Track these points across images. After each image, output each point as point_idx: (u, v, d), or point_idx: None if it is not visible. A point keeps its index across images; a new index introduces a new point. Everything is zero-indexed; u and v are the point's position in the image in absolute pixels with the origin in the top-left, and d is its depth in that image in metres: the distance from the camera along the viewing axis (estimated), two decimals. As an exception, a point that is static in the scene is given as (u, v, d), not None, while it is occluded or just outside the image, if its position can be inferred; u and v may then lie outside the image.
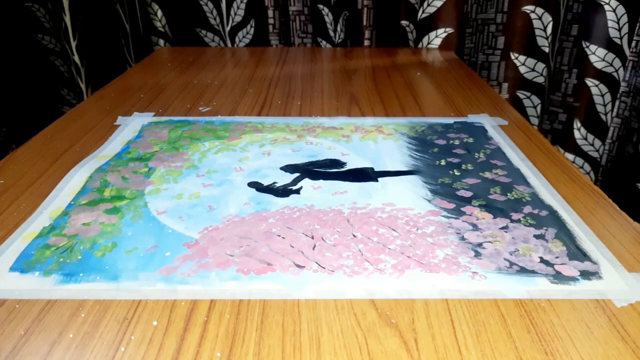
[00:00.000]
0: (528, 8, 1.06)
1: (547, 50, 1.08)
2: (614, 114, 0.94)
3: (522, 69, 1.12)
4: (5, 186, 0.54)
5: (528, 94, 1.14)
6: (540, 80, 1.11)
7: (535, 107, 1.13)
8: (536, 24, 1.07)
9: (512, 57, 1.11)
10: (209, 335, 0.34)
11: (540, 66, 1.10)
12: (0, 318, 0.36)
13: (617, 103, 0.93)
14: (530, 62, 1.10)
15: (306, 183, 0.54)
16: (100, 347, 0.33)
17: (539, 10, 1.06)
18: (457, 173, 0.56)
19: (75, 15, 0.95)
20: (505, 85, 1.15)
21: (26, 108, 0.88)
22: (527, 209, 0.49)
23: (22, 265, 0.41)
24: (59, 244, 0.44)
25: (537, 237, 0.44)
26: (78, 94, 1.00)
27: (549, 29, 1.06)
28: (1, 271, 0.40)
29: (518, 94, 1.15)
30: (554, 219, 0.47)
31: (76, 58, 0.97)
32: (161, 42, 1.22)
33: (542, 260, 0.41)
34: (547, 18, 1.06)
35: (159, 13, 1.20)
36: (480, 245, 0.43)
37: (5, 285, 0.39)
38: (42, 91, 0.95)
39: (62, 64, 0.98)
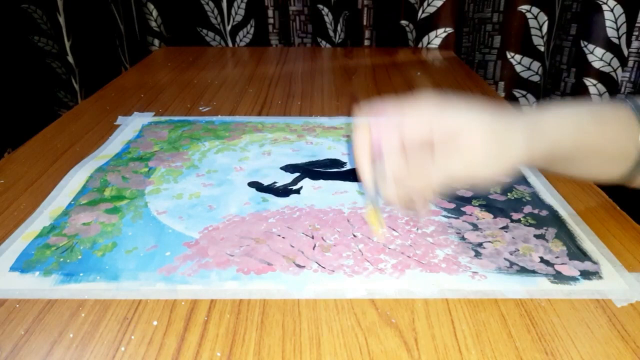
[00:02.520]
0: (524, 7, 1.07)
1: (542, 49, 1.08)
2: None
3: (518, 68, 1.12)
4: (6, 186, 0.54)
5: (524, 92, 1.14)
6: (536, 79, 1.11)
7: (531, 105, 1.13)
8: (532, 23, 1.07)
9: (508, 56, 1.12)
10: (209, 335, 0.34)
11: (536, 65, 1.10)
12: (1, 318, 0.36)
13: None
14: (526, 61, 1.11)
15: (306, 183, 0.54)
16: (100, 346, 0.33)
17: (535, 10, 1.06)
18: (457, 173, 0.56)
19: (69, 16, 0.95)
20: (501, 84, 1.15)
21: (22, 111, 0.87)
22: (527, 209, 0.49)
23: (23, 265, 0.41)
24: (59, 243, 0.44)
25: (537, 237, 0.44)
26: (73, 95, 1.00)
27: (545, 28, 1.06)
28: (1, 271, 0.40)
29: (514, 92, 1.15)
30: (554, 219, 0.47)
31: (70, 59, 0.97)
32: (156, 42, 1.22)
33: (542, 260, 0.41)
34: (543, 17, 1.06)
35: (154, 13, 1.20)
36: (480, 245, 0.43)
37: (5, 285, 0.39)
38: (38, 94, 0.94)
39: (59, 65, 0.97)
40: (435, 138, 0.38)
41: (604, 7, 0.89)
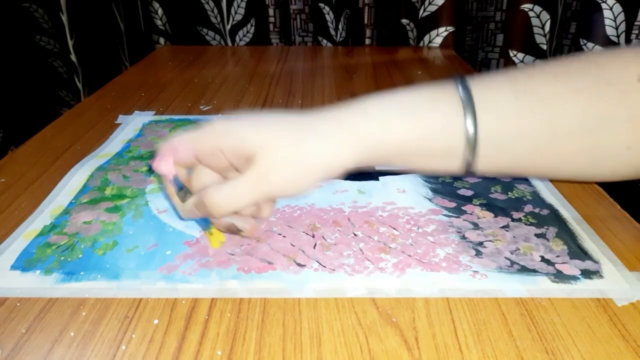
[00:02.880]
0: (526, 6, 1.07)
1: (545, 47, 1.08)
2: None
3: (521, 67, 1.12)
4: (6, 185, 0.54)
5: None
6: None
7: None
8: (534, 22, 1.07)
9: (511, 55, 1.11)
10: (209, 334, 0.34)
11: (539, 64, 1.10)
12: (2, 316, 0.36)
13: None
14: (529, 59, 1.11)
15: (307, 182, 0.54)
16: (101, 345, 0.33)
17: (537, 9, 1.06)
18: (457, 172, 0.56)
19: (72, 14, 0.95)
20: None
21: (24, 110, 0.87)
22: (528, 208, 0.49)
23: (23, 263, 0.41)
24: (60, 242, 0.44)
25: (538, 236, 0.44)
26: (75, 94, 1.00)
27: (547, 27, 1.06)
28: (2, 270, 0.40)
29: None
30: (555, 218, 0.47)
31: (73, 57, 0.97)
32: (162, 40, 1.22)
33: (543, 259, 0.41)
34: (545, 16, 1.06)
35: (160, 11, 1.20)
36: (481, 244, 0.43)
37: (6, 283, 0.39)
38: (40, 93, 0.94)
39: (60, 65, 0.97)
40: (231, 161, 0.38)
41: (603, 5, 0.89)
